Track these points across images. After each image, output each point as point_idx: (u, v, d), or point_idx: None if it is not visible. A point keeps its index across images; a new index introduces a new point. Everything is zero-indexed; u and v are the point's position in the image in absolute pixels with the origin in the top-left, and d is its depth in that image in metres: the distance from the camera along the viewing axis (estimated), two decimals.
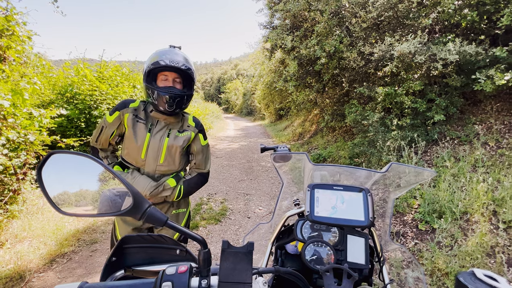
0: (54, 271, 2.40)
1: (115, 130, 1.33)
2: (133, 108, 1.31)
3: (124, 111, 1.30)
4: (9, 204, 2.84)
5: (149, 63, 1.23)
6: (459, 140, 3.68)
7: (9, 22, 2.77)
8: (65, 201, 0.52)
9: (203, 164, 1.44)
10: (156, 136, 1.30)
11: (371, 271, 0.79)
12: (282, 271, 0.59)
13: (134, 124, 1.29)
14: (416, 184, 0.75)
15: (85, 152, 1.09)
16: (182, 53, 1.29)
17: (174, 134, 1.33)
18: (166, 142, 1.31)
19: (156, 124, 1.32)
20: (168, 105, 1.24)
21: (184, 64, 1.23)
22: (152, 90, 1.23)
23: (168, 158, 1.33)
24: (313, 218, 0.71)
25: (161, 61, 1.20)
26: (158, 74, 1.27)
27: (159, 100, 1.23)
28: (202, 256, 0.51)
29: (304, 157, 0.83)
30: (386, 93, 4.17)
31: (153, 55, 1.24)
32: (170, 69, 1.24)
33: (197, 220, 3.48)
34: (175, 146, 1.33)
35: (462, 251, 2.21)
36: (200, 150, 1.42)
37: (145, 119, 1.31)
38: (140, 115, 1.32)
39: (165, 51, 1.25)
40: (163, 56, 1.21)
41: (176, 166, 1.37)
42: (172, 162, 1.35)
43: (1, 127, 2.62)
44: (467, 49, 3.25)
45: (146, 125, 1.30)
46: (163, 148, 1.31)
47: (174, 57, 1.22)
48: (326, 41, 5.01)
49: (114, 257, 0.62)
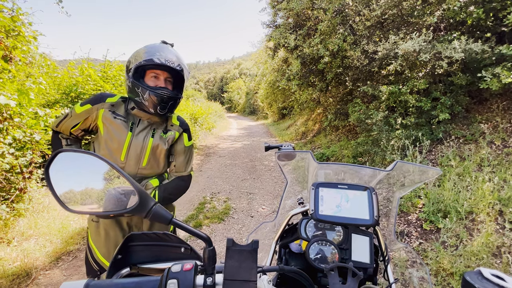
0: (60, 268, 2.43)
1: (80, 123, 1.19)
2: (110, 104, 1.17)
3: (99, 106, 1.16)
4: (16, 203, 2.87)
5: (140, 58, 1.10)
6: (464, 139, 3.64)
7: (15, 22, 2.80)
8: (71, 199, 0.53)
9: (183, 166, 1.29)
10: (139, 136, 1.18)
11: (376, 270, 0.79)
12: (287, 269, 0.59)
13: (111, 121, 1.15)
14: (421, 183, 0.75)
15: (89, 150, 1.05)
16: (175, 51, 1.18)
17: (159, 135, 1.22)
18: (150, 142, 1.19)
19: (138, 123, 1.19)
20: (160, 108, 1.14)
21: (179, 64, 1.13)
22: (142, 89, 1.11)
23: (152, 160, 1.21)
24: (318, 217, 0.71)
25: (156, 58, 1.08)
26: (147, 71, 1.15)
27: (149, 101, 1.12)
28: (207, 254, 0.51)
29: (308, 155, 0.83)
30: (390, 91, 4.14)
31: (145, 50, 1.12)
32: (164, 68, 1.13)
33: (201, 219, 3.49)
34: (160, 148, 1.21)
35: (468, 251, 2.19)
36: (182, 151, 1.29)
37: (125, 117, 1.18)
38: (118, 111, 1.18)
39: (158, 47, 1.13)
40: (157, 53, 1.10)
41: (160, 169, 1.27)
42: (156, 165, 1.24)
43: (8, 127, 2.66)
44: (473, 47, 3.21)
45: (126, 123, 1.17)
46: (147, 149, 1.19)
47: (169, 56, 1.11)
48: (330, 39, 4.99)
49: (120, 255, 0.63)
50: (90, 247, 1.23)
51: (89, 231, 1.24)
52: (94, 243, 1.22)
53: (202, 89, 62.24)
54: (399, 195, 0.79)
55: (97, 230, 1.20)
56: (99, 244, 1.20)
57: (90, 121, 1.19)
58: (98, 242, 1.20)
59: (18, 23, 2.84)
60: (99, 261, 1.20)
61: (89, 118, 1.18)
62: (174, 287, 0.47)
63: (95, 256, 1.21)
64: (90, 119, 1.18)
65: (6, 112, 2.62)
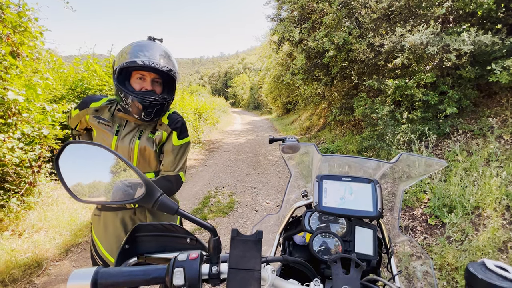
0: (69, 260, 2.49)
1: (78, 124, 1.21)
2: (93, 109, 1.13)
3: (84, 112, 1.14)
4: (26, 196, 2.95)
5: (124, 59, 1.01)
6: (472, 134, 3.58)
7: (21, 18, 2.82)
8: (81, 191, 0.54)
9: (170, 166, 1.18)
10: (125, 139, 1.12)
11: (379, 262, 0.80)
12: (290, 260, 0.60)
13: (96, 127, 1.13)
14: (426, 175, 0.75)
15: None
16: (163, 48, 1.08)
17: (146, 136, 1.15)
18: (137, 145, 1.13)
19: (125, 125, 1.13)
20: (145, 114, 1.06)
21: (165, 66, 1.03)
22: (125, 94, 1.02)
23: (142, 161, 1.17)
24: (321, 209, 0.72)
25: (138, 59, 0.98)
26: (133, 72, 1.07)
27: (133, 106, 1.04)
28: (212, 243, 0.52)
29: (312, 148, 0.83)
30: (396, 85, 4.08)
31: (129, 50, 1.02)
32: (149, 69, 1.04)
33: (205, 212, 3.53)
34: (148, 149, 1.14)
35: (473, 246, 2.18)
36: (170, 151, 1.18)
37: (110, 120, 1.13)
38: (103, 115, 1.13)
39: (142, 46, 1.03)
40: (141, 53, 1.00)
41: (152, 169, 1.21)
42: (147, 166, 1.19)
43: (17, 122, 2.71)
44: (482, 39, 3.13)
45: (111, 127, 1.12)
46: (134, 152, 1.13)
47: (155, 55, 1.02)
48: (335, 33, 4.91)
49: (127, 245, 0.64)
50: (94, 241, 1.22)
51: (92, 226, 1.24)
52: (97, 238, 1.21)
53: (206, 84, 62.19)
54: (403, 187, 0.79)
55: (100, 224, 1.19)
56: (102, 238, 1.19)
57: (84, 124, 1.20)
58: (101, 237, 1.19)
59: (24, 19, 2.86)
60: (102, 255, 1.19)
61: (82, 121, 1.19)
62: (181, 275, 0.48)
63: (98, 251, 1.20)
64: (83, 121, 1.19)
65: (15, 107, 2.66)
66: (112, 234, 1.18)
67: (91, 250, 1.24)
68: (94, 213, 1.21)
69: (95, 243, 1.21)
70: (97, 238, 1.20)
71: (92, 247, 1.23)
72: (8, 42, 2.68)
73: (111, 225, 1.19)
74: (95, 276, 0.47)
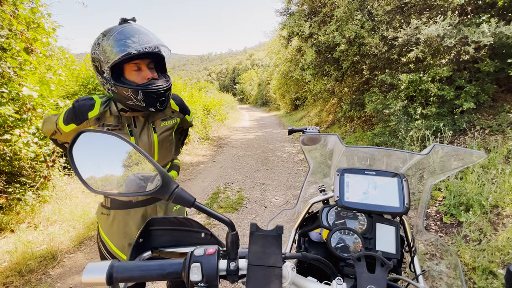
0: (83, 252, 2.54)
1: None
2: (94, 119, 1.01)
3: (85, 124, 1.02)
4: (41, 190, 3.02)
5: (112, 54, 0.89)
6: (490, 130, 3.44)
7: (34, 14, 2.86)
8: (95, 182, 0.53)
9: (175, 151, 1.27)
10: (142, 136, 1.08)
11: (400, 261, 0.76)
12: (310, 257, 0.58)
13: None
14: (461, 168, 0.69)
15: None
16: (145, 28, 0.99)
17: (159, 126, 1.13)
18: (155, 138, 1.11)
19: (134, 123, 1.08)
20: (159, 103, 1.01)
21: (157, 46, 0.95)
22: (133, 91, 0.95)
23: (162, 152, 1.17)
24: (343, 204, 0.68)
25: (132, 49, 0.89)
26: (124, 66, 0.97)
27: (146, 100, 0.98)
28: (230, 238, 0.50)
29: (335, 138, 0.79)
30: (410, 80, 3.96)
31: (113, 42, 0.90)
32: (144, 56, 0.96)
33: (215, 208, 3.54)
34: (166, 139, 1.16)
35: (492, 245, 2.10)
36: (186, 129, 1.29)
37: (118, 123, 1.04)
38: (107, 121, 1.03)
39: (126, 32, 0.92)
40: (129, 40, 0.90)
41: (171, 156, 1.24)
42: (168, 154, 1.21)
43: (31, 117, 2.76)
44: (503, 30, 2.98)
45: (122, 129, 1.05)
46: (155, 146, 1.11)
47: (144, 38, 0.92)
48: (346, 26, 4.79)
49: (141, 239, 0.63)
50: (102, 240, 1.18)
51: (99, 224, 1.21)
52: (106, 236, 1.17)
53: (214, 80, 62.34)
54: (432, 182, 0.74)
55: (109, 222, 1.16)
56: (112, 236, 1.16)
57: None
58: (111, 234, 1.16)
59: (37, 15, 2.90)
60: (113, 253, 1.17)
61: None
62: (198, 270, 0.46)
63: (108, 249, 1.17)
64: None
65: (29, 103, 2.72)
66: (123, 232, 1.16)
67: (100, 249, 1.22)
68: (102, 212, 1.18)
69: (104, 241, 1.18)
70: (106, 236, 1.18)
71: (101, 245, 1.21)
72: (22, 39, 2.72)
73: (121, 223, 1.17)
74: (110, 269, 0.45)
